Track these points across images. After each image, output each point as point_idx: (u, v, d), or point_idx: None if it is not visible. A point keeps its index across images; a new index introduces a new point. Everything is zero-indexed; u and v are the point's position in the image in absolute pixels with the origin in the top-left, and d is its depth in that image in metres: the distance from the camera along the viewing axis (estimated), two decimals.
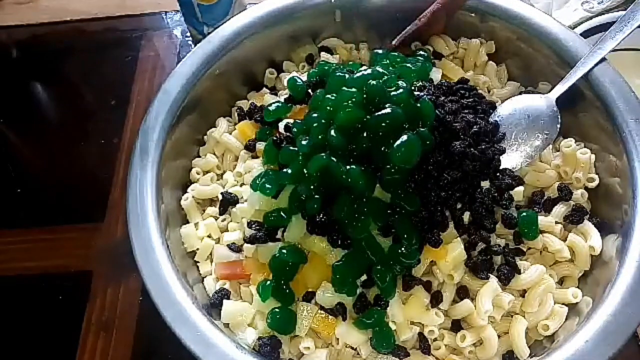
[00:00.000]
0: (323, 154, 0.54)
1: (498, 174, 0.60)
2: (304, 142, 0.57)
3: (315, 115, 0.58)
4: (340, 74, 0.60)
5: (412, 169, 0.54)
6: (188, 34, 1.01)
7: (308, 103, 0.66)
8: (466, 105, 0.65)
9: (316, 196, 0.54)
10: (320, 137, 0.56)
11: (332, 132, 0.54)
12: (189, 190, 0.67)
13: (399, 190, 0.54)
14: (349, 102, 0.55)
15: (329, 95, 0.58)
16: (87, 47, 1.06)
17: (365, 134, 0.54)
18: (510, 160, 0.63)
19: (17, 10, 1.11)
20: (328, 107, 0.57)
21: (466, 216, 0.58)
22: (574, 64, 0.65)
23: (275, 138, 0.63)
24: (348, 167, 0.53)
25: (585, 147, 0.64)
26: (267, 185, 0.58)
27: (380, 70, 0.60)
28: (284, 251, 0.56)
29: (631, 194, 0.56)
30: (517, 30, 0.71)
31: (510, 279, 0.57)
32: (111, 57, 1.03)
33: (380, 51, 0.71)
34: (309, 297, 0.57)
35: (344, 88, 0.57)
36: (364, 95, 0.56)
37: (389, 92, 0.56)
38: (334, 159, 0.53)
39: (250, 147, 0.69)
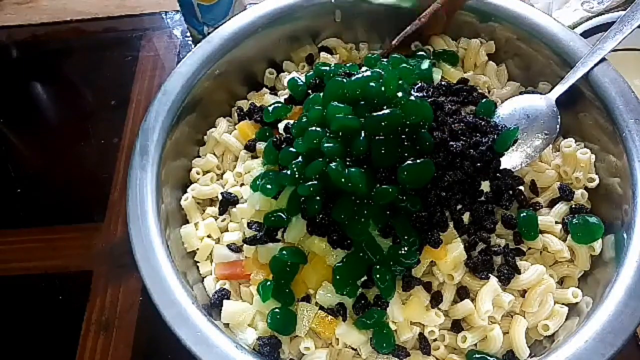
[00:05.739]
0: (321, 159, 0.54)
1: (498, 174, 0.60)
2: (300, 142, 0.57)
3: (307, 120, 0.59)
4: (338, 78, 0.60)
5: None
6: (188, 34, 1.01)
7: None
8: (466, 105, 0.65)
9: (316, 197, 0.54)
10: (315, 141, 0.56)
11: (327, 142, 0.54)
12: (189, 190, 0.67)
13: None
14: (342, 115, 0.56)
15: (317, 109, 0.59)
16: (87, 47, 1.06)
17: (363, 135, 0.54)
18: (510, 160, 0.63)
19: (17, 10, 1.11)
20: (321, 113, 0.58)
21: (466, 216, 0.58)
22: (574, 64, 0.65)
23: (275, 139, 0.63)
24: (347, 170, 0.53)
25: (585, 147, 0.64)
26: (268, 186, 0.58)
27: (379, 71, 0.60)
28: (284, 252, 0.56)
29: (631, 194, 0.56)
30: (517, 30, 0.71)
31: (510, 279, 0.57)
32: (111, 57, 1.03)
33: (371, 55, 0.72)
34: (309, 297, 0.57)
35: (332, 103, 0.57)
36: (362, 100, 0.57)
37: (388, 94, 0.56)
38: (333, 164, 0.53)
39: (250, 147, 0.69)
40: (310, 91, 0.68)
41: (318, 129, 0.57)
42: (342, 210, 0.54)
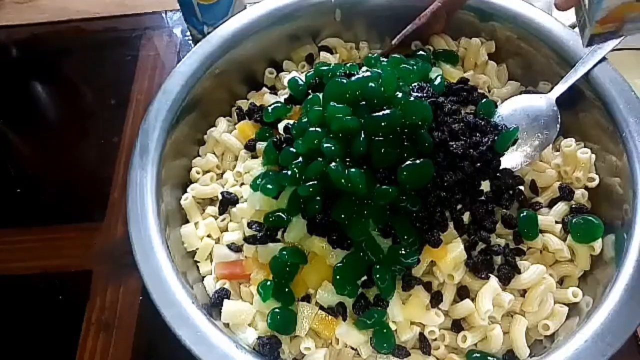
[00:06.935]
0: (321, 159, 0.54)
1: (498, 174, 0.60)
2: (300, 143, 0.57)
3: (307, 120, 0.59)
4: (338, 78, 0.60)
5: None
6: (188, 34, 1.01)
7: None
8: (466, 105, 0.65)
9: (316, 197, 0.54)
10: (315, 142, 0.56)
11: (327, 142, 0.54)
12: (188, 190, 0.67)
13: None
14: (342, 115, 0.56)
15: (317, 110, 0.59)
16: (87, 47, 1.05)
17: (363, 136, 0.54)
18: (510, 160, 0.63)
19: (17, 10, 1.11)
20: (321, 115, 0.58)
21: (466, 216, 0.58)
22: (574, 63, 0.65)
23: (275, 139, 0.63)
24: (347, 170, 0.53)
25: (585, 147, 0.64)
26: (269, 186, 0.58)
27: (378, 72, 0.60)
28: (284, 252, 0.56)
29: (631, 194, 0.56)
30: (517, 30, 0.71)
31: (510, 278, 0.57)
32: (111, 57, 1.03)
33: (371, 55, 0.72)
34: (309, 297, 0.57)
35: (332, 103, 0.57)
36: (362, 101, 0.56)
37: (387, 94, 0.56)
38: (333, 164, 0.53)
39: (250, 147, 0.69)
40: (310, 91, 0.68)
41: (318, 129, 0.57)
42: (342, 210, 0.54)
